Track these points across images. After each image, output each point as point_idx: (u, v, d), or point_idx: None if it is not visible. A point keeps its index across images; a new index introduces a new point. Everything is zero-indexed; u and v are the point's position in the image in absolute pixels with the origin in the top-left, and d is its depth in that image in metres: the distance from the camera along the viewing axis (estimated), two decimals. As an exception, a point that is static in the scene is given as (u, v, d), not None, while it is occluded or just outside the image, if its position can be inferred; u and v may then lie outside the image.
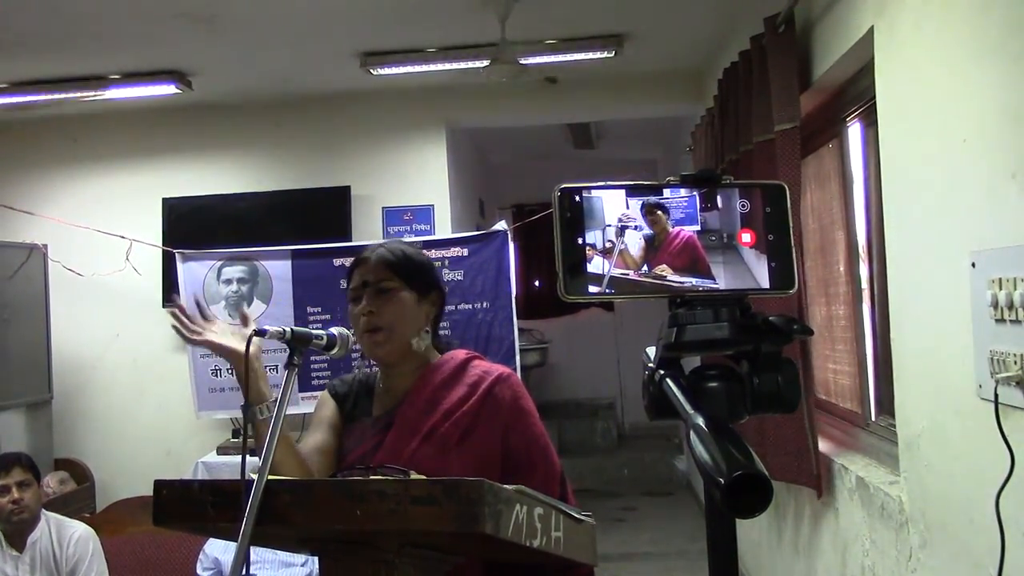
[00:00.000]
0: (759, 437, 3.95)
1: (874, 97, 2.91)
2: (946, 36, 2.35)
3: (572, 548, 1.80)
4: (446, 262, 5.44)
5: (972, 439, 2.25)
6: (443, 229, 6.13)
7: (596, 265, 0.98)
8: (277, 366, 2.01)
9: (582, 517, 1.87)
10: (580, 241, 0.99)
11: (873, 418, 3.49)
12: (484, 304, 5.42)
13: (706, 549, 1.07)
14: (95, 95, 5.57)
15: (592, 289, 0.99)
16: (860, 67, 3.21)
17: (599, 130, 8.14)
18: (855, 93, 3.41)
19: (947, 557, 2.47)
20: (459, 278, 5.43)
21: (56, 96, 5.54)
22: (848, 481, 3.31)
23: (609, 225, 1.00)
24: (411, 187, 6.20)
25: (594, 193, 1.00)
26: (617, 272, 0.99)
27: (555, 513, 1.75)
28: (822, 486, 3.50)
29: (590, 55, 5.25)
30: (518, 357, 5.41)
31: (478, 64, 4.92)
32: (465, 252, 5.47)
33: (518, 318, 5.49)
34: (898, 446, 2.84)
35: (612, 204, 1.01)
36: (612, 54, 5.24)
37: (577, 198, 1.00)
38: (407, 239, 5.81)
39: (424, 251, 2.28)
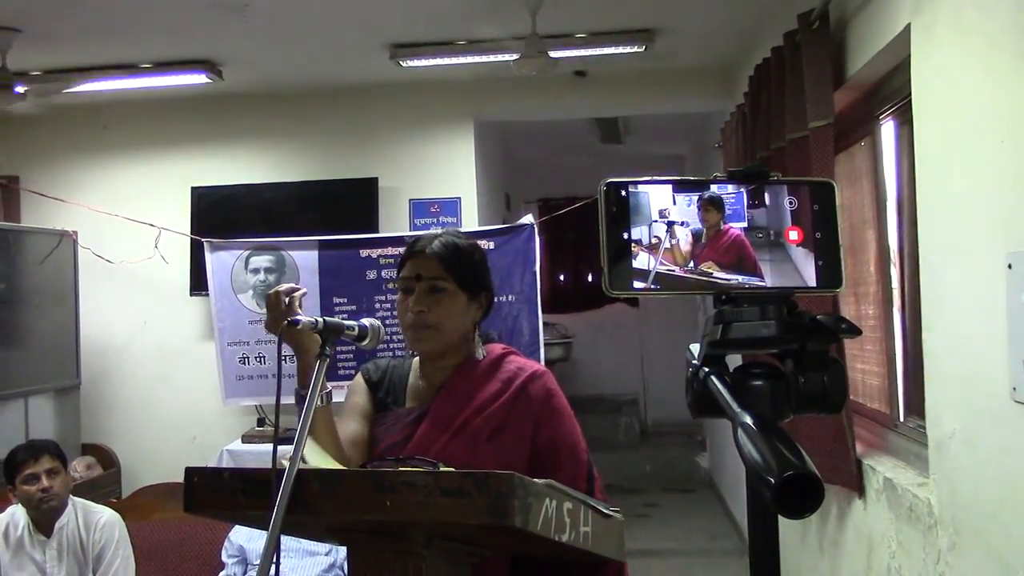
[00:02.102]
0: (796, 436, 3.93)
1: (909, 95, 2.87)
2: (983, 35, 2.32)
3: (600, 543, 1.79)
4: (472, 255, 5.43)
5: (1005, 442, 2.22)
6: (470, 222, 6.13)
7: (641, 260, 0.98)
8: (287, 356, 2.02)
9: (611, 512, 1.86)
10: (625, 236, 0.98)
11: (902, 419, 3.46)
12: (509, 297, 5.41)
13: (729, 548, 1.06)
14: (126, 84, 5.61)
15: (637, 284, 0.99)
16: (895, 65, 3.18)
17: (627, 125, 8.11)
18: (889, 91, 3.38)
19: (976, 561, 2.44)
20: (485, 271, 5.43)
21: (88, 84, 5.57)
22: (876, 482, 3.28)
23: (655, 220, 1.00)
24: (438, 179, 6.20)
25: (640, 188, 0.99)
26: (663, 268, 0.98)
27: (584, 508, 1.75)
28: (861, 487, 3.47)
29: (620, 49, 5.23)
30: (542, 351, 5.41)
31: (507, 58, 4.91)
32: (491, 245, 5.47)
33: (543, 312, 5.49)
34: (928, 448, 2.82)
35: (658, 199, 1.00)
36: (643, 49, 5.22)
37: (623, 192, 0.99)
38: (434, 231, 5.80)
39: (477, 243, 2.25)
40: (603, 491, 2.10)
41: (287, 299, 2.06)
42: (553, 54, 4.71)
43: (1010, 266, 2.13)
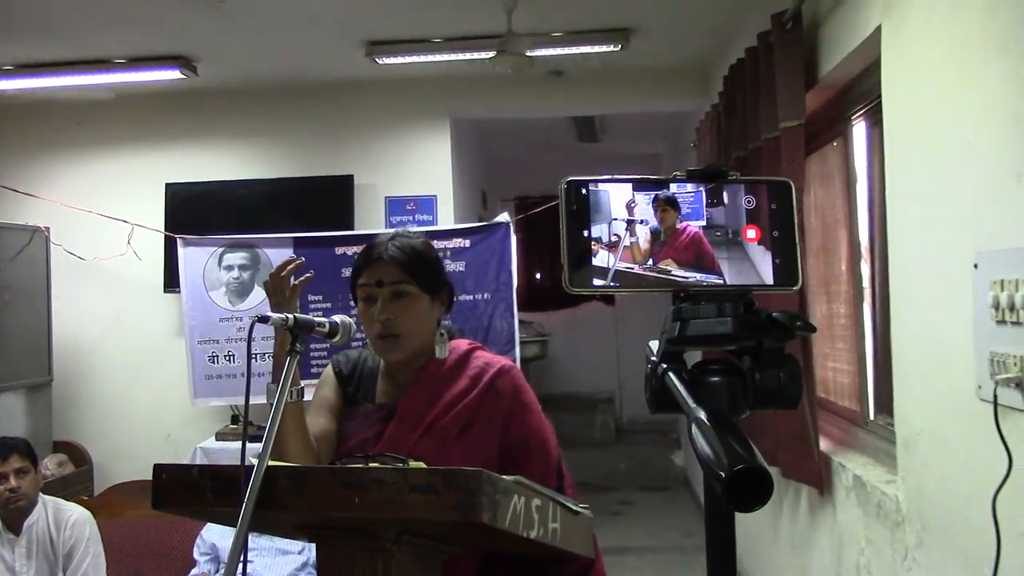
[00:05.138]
0: (763, 433, 3.96)
1: (879, 96, 2.90)
2: (953, 37, 2.34)
3: (569, 540, 1.80)
4: (448, 253, 5.43)
5: (970, 440, 2.25)
6: (446, 220, 6.14)
7: (601, 258, 0.99)
8: (266, 354, 2.02)
9: (579, 509, 1.88)
10: (585, 234, 0.99)
11: (872, 417, 3.50)
12: (485, 295, 5.42)
13: (703, 545, 1.08)
14: (99, 79, 5.57)
15: (596, 282, 0.99)
16: (866, 66, 3.21)
17: (604, 124, 8.13)
18: (861, 92, 3.41)
19: (943, 557, 2.47)
20: (460, 269, 5.43)
21: (61, 79, 5.53)
22: (845, 479, 3.31)
23: (615, 219, 1.00)
24: (414, 177, 6.20)
25: (601, 186, 1.00)
26: (622, 266, 0.99)
27: (552, 505, 1.76)
28: (822, 484, 3.50)
29: (596, 48, 5.25)
30: (518, 349, 5.42)
31: (484, 55, 4.91)
32: (467, 243, 5.47)
33: (519, 310, 5.50)
34: (896, 445, 2.85)
35: (618, 198, 1.01)
36: (618, 48, 5.24)
37: (584, 191, 1.00)
38: (410, 229, 5.80)
39: (428, 240, 2.26)
40: (573, 486, 2.11)
41: (288, 282, 2.07)
42: (529, 53, 4.71)
43: (976, 266, 2.16)
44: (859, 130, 3.55)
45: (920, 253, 2.61)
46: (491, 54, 4.68)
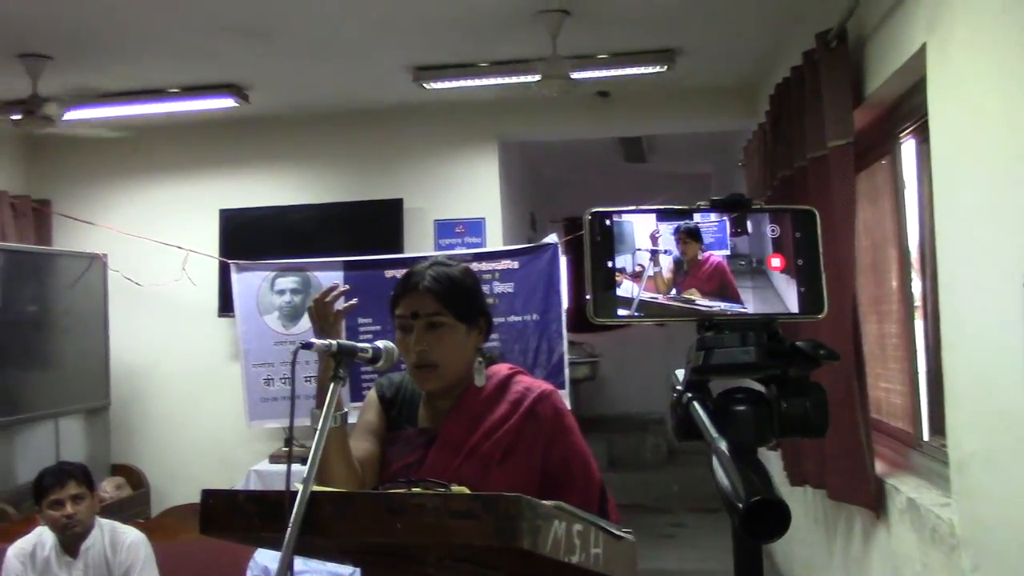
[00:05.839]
0: (808, 456, 3.91)
1: (927, 113, 2.87)
2: (997, 53, 2.32)
3: (611, 565, 1.79)
4: (496, 275, 5.45)
5: (1024, 462, 2.21)
6: (494, 242, 6.16)
7: (625, 289, 0.99)
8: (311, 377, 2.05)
9: (622, 534, 1.86)
10: (610, 264, 1.00)
11: (926, 438, 3.43)
12: (534, 317, 5.42)
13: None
14: (155, 108, 5.70)
15: (621, 312, 1.00)
16: (913, 83, 3.18)
17: (651, 144, 8.12)
18: (908, 109, 3.37)
19: (998, 582, 2.42)
20: (509, 291, 5.45)
21: (118, 108, 5.68)
22: (899, 502, 3.26)
23: (639, 249, 1.01)
24: (463, 200, 6.25)
25: (624, 217, 1.01)
26: (647, 295, 1.00)
27: (594, 530, 1.75)
28: (877, 507, 3.45)
29: (642, 70, 5.25)
30: (567, 370, 5.41)
31: (530, 79, 4.95)
32: (515, 265, 5.49)
33: (569, 331, 5.49)
34: (949, 467, 2.80)
35: (642, 228, 1.02)
36: (664, 69, 5.23)
37: (607, 222, 1.01)
38: (459, 252, 5.85)
39: (470, 265, 2.27)
40: (616, 510, 2.10)
41: (331, 308, 2.09)
42: (575, 75, 4.74)
43: (1026, 284, 2.13)
44: (908, 148, 3.51)
45: (969, 271, 2.58)
46: (537, 77, 4.70)
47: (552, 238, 5.57)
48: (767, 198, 4.46)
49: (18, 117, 5.08)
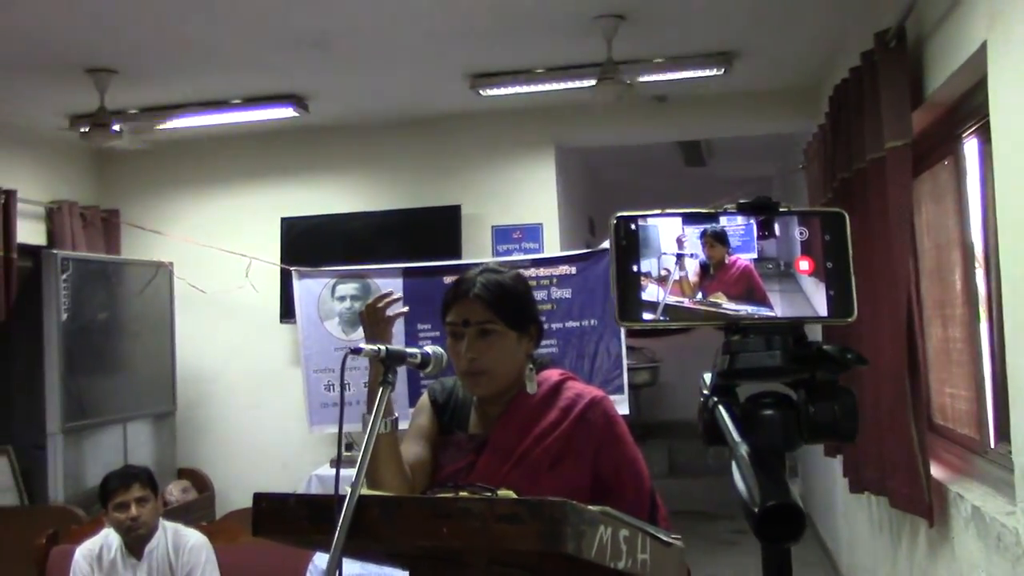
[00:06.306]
0: (870, 462, 3.84)
1: (989, 113, 2.81)
2: (1060, 50, 2.26)
3: (659, 571, 1.78)
4: (554, 280, 5.45)
5: (1089, 470, 2.14)
6: (552, 247, 6.16)
7: (651, 293, 0.99)
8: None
9: (670, 540, 1.85)
10: (635, 268, 0.99)
11: (992, 445, 3.35)
12: (592, 322, 5.42)
13: None
14: (218, 119, 5.82)
15: (647, 316, 1.00)
16: (975, 82, 3.10)
17: (710, 147, 8.06)
18: (970, 109, 3.30)
19: (1064, 593, 2.35)
20: (567, 296, 5.45)
21: (181, 120, 5.81)
22: (963, 510, 3.18)
23: (665, 253, 1.01)
24: (520, 206, 6.26)
25: (650, 221, 1.01)
26: (672, 299, 0.99)
27: (641, 535, 1.74)
28: (934, 515, 3.37)
29: (699, 73, 5.22)
30: (625, 375, 5.39)
31: (585, 84, 4.94)
32: (573, 270, 5.48)
33: (628, 336, 5.47)
34: (1015, 475, 2.72)
35: (668, 232, 1.02)
36: (722, 71, 5.19)
37: (633, 226, 1.00)
38: (516, 257, 5.86)
39: (527, 271, 2.27)
40: (667, 518, 2.08)
41: (383, 313, 2.11)
42: (631, 79, 4.72)
43: (1089, 287, 2.07)
44: (971, 148, 3.43)
45: (1032, 274, 2.51)
46: (593, 82, 4.70)
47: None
48: (827, 201, 4.40)
49: (86, 130, 5.22)
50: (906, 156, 3.34)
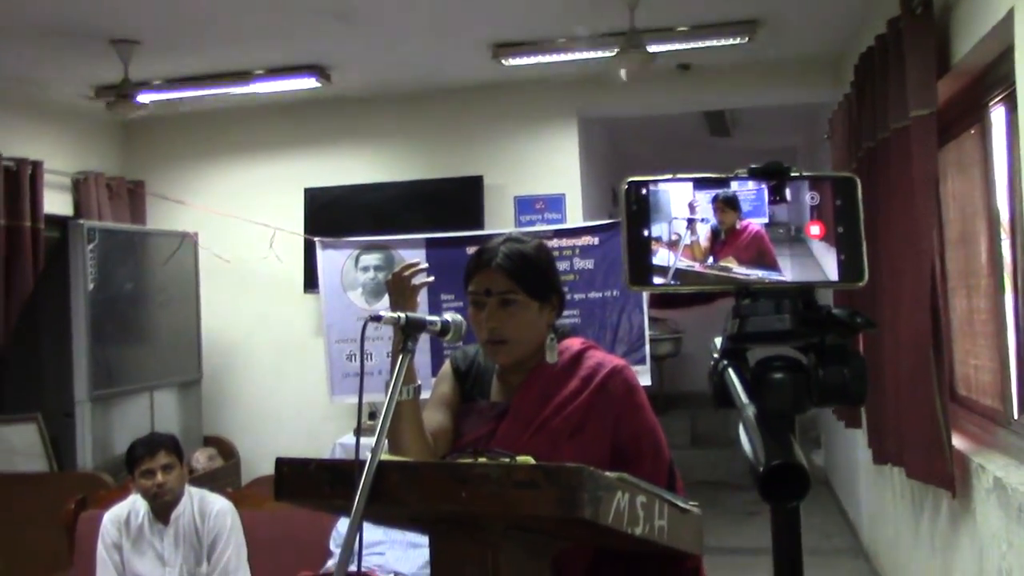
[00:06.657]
0: (888, 433, 3.84)
1: (1016, 81, 2.77)
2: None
3: (676, 537, 1.80)
4: (577, 251, 5.45)
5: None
6: (575, 218, 6.16)
7: (662, 257, 1.00)
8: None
9: (688, 507, 1.87)
10: (646, 233, 1.00)
11: (1016, 416, 3.34)
12: (614, 293, 5.41)
13: (842, 547, 1.07)
14: (241, 90, 5.83)
15: (657, 280, 1.01)
16: (1002, 50, 3.07)
17: (734, 118, 7.99)
18: (997, 77, 3.26)
19: (1084, 563, 2.35)
20: (589, 267, 5.44)
21: (205, 91, 5.83)
22: (986, 481, 3.18)
23: (676, 218, 1.01)
24: (543, 176, 6.25)
25: (661, 186, 1.01)
26: (683, 264, 1.00)
27: (659, 502, 1.75)
28: (956, 486, 3.37)
29: (723, 42, 5.17)
30: (648, 346, 5.39)
31: (608, 54, 4.91)
32: (596, 241, 5.48)
33: (651, 307, 5.46)
34: (1036, 446, 2.72)
35: (679, 197, 1.02)
36: (746, 40, 5.14)
37: (644, 191, 1.01)
38: (539, 228, 5.86)
39: (549, 241, 2.27)
40: (684, 490, 2.09)
41: (408, 282, 2.13)
42: (653, 48, 4.69)
43: (1113, 257, 2.05)
44: (998, 116, 3.39)
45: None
46: (614, 52, 4.67)
47: (632, 213, 5.53)
48: (852, 170, 4.37)
49: (111, 101, 5.25)
50: (931, 125, 3.31)
